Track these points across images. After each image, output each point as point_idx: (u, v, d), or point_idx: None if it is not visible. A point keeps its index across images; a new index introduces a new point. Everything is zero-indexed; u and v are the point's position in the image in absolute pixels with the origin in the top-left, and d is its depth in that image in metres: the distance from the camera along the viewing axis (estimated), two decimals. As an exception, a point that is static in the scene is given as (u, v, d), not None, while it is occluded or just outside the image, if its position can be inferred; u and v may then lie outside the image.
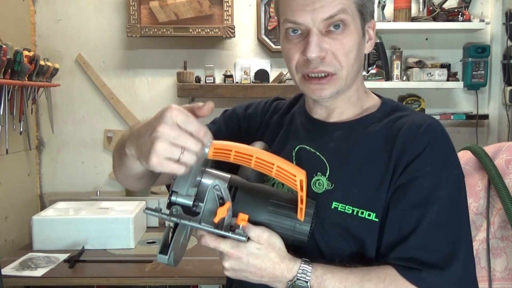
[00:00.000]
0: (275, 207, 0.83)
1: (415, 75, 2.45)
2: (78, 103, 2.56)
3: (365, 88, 1.01)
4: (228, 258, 0.81)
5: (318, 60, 0.88)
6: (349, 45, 0.88)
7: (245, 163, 0.80)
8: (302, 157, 0.96)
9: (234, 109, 1.12)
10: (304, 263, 0.83)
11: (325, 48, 0.88)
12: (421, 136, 0.89)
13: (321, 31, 0.87)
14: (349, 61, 0.89)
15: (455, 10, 2.44)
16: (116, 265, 1.84)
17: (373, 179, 0.89)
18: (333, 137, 0.96)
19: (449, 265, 0.83)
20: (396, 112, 0.97)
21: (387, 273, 0.84)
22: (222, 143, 0.80)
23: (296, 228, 0.82)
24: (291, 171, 0.78)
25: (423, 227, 0.85)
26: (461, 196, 0.90)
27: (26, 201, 2.42)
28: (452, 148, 0.92)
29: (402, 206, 0.87)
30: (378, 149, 0.91)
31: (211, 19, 2.40)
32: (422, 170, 0.87)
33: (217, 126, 1.09)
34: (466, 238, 0.88)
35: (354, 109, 0.98)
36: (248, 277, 0.83)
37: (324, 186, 0.92)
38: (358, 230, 0.88)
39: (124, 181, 1.02)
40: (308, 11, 0.86)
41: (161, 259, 0.78)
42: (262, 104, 1.12)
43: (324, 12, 0.86)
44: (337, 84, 0.91)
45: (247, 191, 0.84)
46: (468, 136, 2.58)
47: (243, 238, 0.79)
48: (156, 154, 0.72)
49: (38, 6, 2.50)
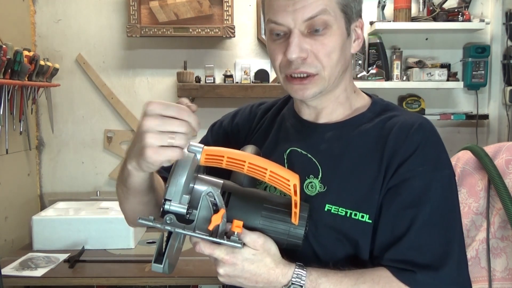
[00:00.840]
0: (269, 211, 0.82)
1: (415, 75, 2.45)
2: (78, 103, 2.56)
3: (354, 87, 1.01)
4: (223, 265, 0.81)
5: (299, 61, 0.88)
6: (331, 46, 0.88)
7: (238, 168, 0.80)
8: (294, 160, 0.96)
9: (221, 122, 1.12)
10: (298, 268, 0.83)
11: (306, 48, 0.88)
12: (412, 136, 0.89)
13: (303, 32, 0.87)
14: (331, 61, 0.89)
15: (455, 10, 2.44)
16: (116, 265, 1.84)
17: (366, 180, 0.89)
18: (324, 138, 0.96)
19: (443, 266, 0.84)
20: (386, 111, 0.97)
21: (381, 275, 0.84)
22: (214, 149, 0.81)
23: (290, 232, 0.82)
24: (284, 176, 0.79)
25: (416, 228, 0.85)
26: (453, 196, 0.90)
27: (26, 201, 2.42)
28: (443, 147, 0.92)
29: (394, 207, 0.87)
30: (369, 149, 0.91)
31: (211, 19, 2.40)
32: (413, 170, 0.87)
33: (204, 142, 1.07)
34: (459, 237, 0.89)
35: (343, 109, 0.98)
36: (243, 283, 0.83)
37: (316, 188, 0.92)
38: (352, 232, 0.88)
39: (133, 211, 0.98)
40: (289, 11, 0.86)
41: (155, 268, 0.78)
42: (248, 110, 1.11)
43: (305, 13, 0.85)
44: (319, 84, 0.91)
45: (240, 196, 0.84)
46: (468, 136, 2.58)
47: (238, 245, 0.78)
48: (149, 146, 0.73)
49: (38, 6, 2.50)
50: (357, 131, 0.94)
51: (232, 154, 0.80)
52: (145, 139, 0.73)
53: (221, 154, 0.80)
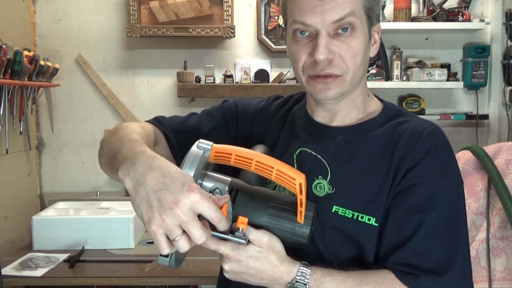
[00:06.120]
0: (275, 210, 0.83)
1: (415, 75, 2.45)
2: (78, 103, 2.56)
3: (368, 91, 1.01)
4: (228, 261, 0.81)
5: (325, 62, 0.88)
6: (357, 48, 0.88)
7: (245, 166, 0.81)
8: (303, 160, 0.96)
9: (236, 108, 1.09)
10: (303, 266, 0.83)
11: (333, 50, 0.87)
12: (422, 143, 0.89)
13: (330, 33, 0.87)
14: (355, 63, 0.89)
15: (455, 10, 2.44)
16: (116, 265, 1.84)
17: (374, 184, 0.89)
18: (335, 141, 0.96)
19: (446, 271, 0.84)
20: (398, 117, 0.97)
21: (384, 277, 0.84)
22: (223, 147, 0.82)
23: (296, 231, 0.82)
24: (290, 175, 0.79)
25: (422, 233, 0.85)
26: (460, 203, 0.90)
27: (26, 201, 2.42)
28: (452, 154, 0.92)
29: (401, 212, 0.87)
30: (379, 154, 0.92)
31: (211, 19, 2.40)
32: (422, 176, 0.87)
33: (215, 122, 1.07)
34: (464, 244, 0.89)
35: (357, 112, 0.98)
36: (247, 279, 0.83)
37: (325, 189, 0.92)
38: (358, 234, 0.88)
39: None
40: (317, 12, 0.85)
41: (162, 261, 0.78)
42: (263, 104, 1.10)
43: (334, 14, 0.85)
44: (342, 85, 0.90)
45: (247, 194, 0.84)
46: (468, 136, 2.59)
47: (242, 241, 0.79)
48: (157, 225, 0.70)
49: (38, 6, 2.50)
50: (368, 136, 0.94)
51: (240, 152, 0.81)
52: (162, 217, 0.69)
53: (230, 152, 0.81)
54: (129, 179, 0.74)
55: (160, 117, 1.08)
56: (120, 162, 0.78)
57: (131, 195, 0.74)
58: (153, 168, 0.73)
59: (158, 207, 0.70)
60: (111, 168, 0.85)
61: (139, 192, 0.72)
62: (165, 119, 1.08)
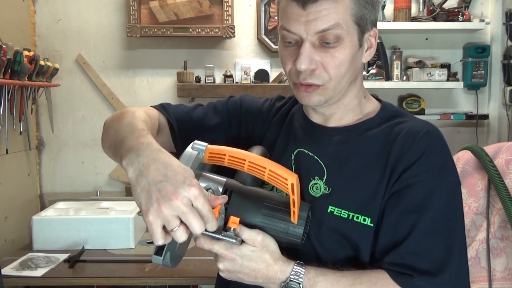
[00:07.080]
0: (269, 210, 0.83)
1: (415, 75, 2.45)
2: (78, 103, 2.56)
3: (365, 93, 1.01)
4: (223, 260, 0.82)
5: (307, 72, 0.88)
6: (341, 58, 0.87)
7: (238, 167, 0.83)
8: (301, 161, 0.97)
9: (240, 106, 1.10)
10: (297, 265, 0.84)
11: (316, 60, 0.87)
12: (419, 143, 0.89)
13: (314, 43, 0.87)
14: (339, 73, 0.89)
15: (455, 10, 2.44)
16: (116, 265, 1.84)
17: (370, 184, 0.89)
18: (332, 141, 0.96)
19: (441, 272, 0.84)
20: (395, 117, 0.97)
21: (379, 277, 0.84)
22: (217, 148, 0.83)
23: (289, 231, 0.83)
24: (282, 175, 0.80)
25: (417, 233, 0.85)
26: (456, 203, 0.90)
27: (26, 201, 2.42)
28: (449, 154, 0.92)
29: (397, 212, 0.87)
30: (375, 154, 0.92)
31: (211, 19, 2.40)
32: (418, 176, 0.87)
33: (220, 117, 1.08)
34: (460, 245, 0.88)
35: (353, 114, 0.98)
36: (242, 278, 0.84)
37: (321, 190, 0.92)
38: (353, 235, 0.89)
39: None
40: (301, 22, 0.85)
41: (156, 260, 0.78)
42: (267, 104, 1.10)
43: (318, 25, 0.85)
44: (324, 93, 0.90)
45: (242, 194, 0.85)
46: (468, 136, 2.59)
47: (233, 241, 0.80)
48: (155, 215, 0.70)
49: (38, 6, 2.50)
50: (364, 136, 0.94)
51: (233, 153, 0.83)
52: (160, 208, 0.70)
53: (223, 153, 0.83)
54: (132, 169, 0.75)
55: (166, 104, 1.09)
56: (125, 152, 0.79)
57: (132, 184, 0.75)
58: (157, 161, 0.74)
59: (157, 197, 0.70)
60: (115, 154, 0.86)
61: (140, 182, 0.73)
62: (170, 107, 1.08)
